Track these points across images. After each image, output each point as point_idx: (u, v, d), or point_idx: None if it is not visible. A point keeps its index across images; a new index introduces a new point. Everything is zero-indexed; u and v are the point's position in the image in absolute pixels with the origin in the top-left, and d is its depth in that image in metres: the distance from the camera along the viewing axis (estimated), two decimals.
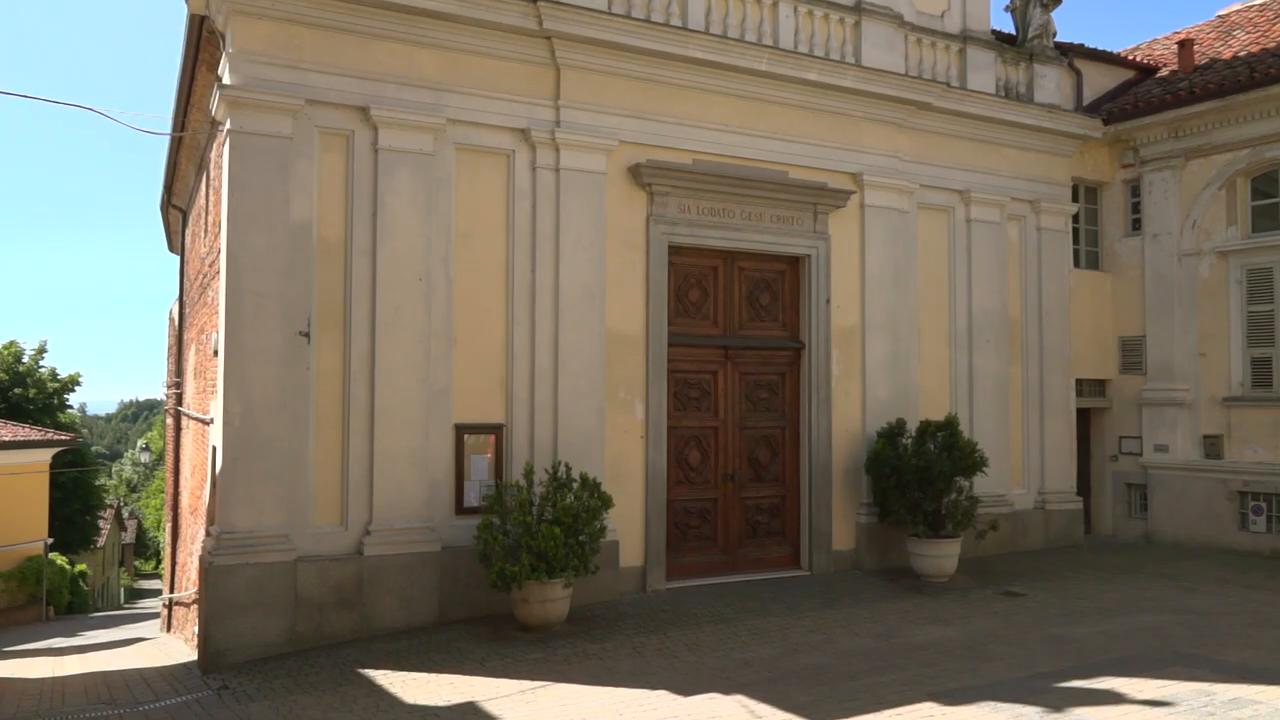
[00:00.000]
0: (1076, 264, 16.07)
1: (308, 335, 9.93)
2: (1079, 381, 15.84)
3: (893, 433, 12.62)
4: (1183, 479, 15.19)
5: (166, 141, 15.56)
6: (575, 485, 10.07)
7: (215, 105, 10.07)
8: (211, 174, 13.27)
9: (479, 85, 10.80)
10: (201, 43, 11.15)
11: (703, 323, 12.48)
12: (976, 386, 14.30)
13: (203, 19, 10.46)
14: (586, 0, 11.17)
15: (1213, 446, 14.93)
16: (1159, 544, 15.25)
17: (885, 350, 13.40)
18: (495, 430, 10.90)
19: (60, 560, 27.79)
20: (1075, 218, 16.02)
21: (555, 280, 11.12)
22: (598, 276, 11.35)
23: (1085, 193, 16.41)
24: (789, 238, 12.75)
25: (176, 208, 19.89)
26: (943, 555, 12.22)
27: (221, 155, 10.39)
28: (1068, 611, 10.59)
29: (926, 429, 12.50)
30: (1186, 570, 13.14)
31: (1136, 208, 16.12)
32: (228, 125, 9.78)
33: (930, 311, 14.04)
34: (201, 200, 15.57)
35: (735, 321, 12.70)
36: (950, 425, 12.52)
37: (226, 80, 9.74)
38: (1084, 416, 16.22)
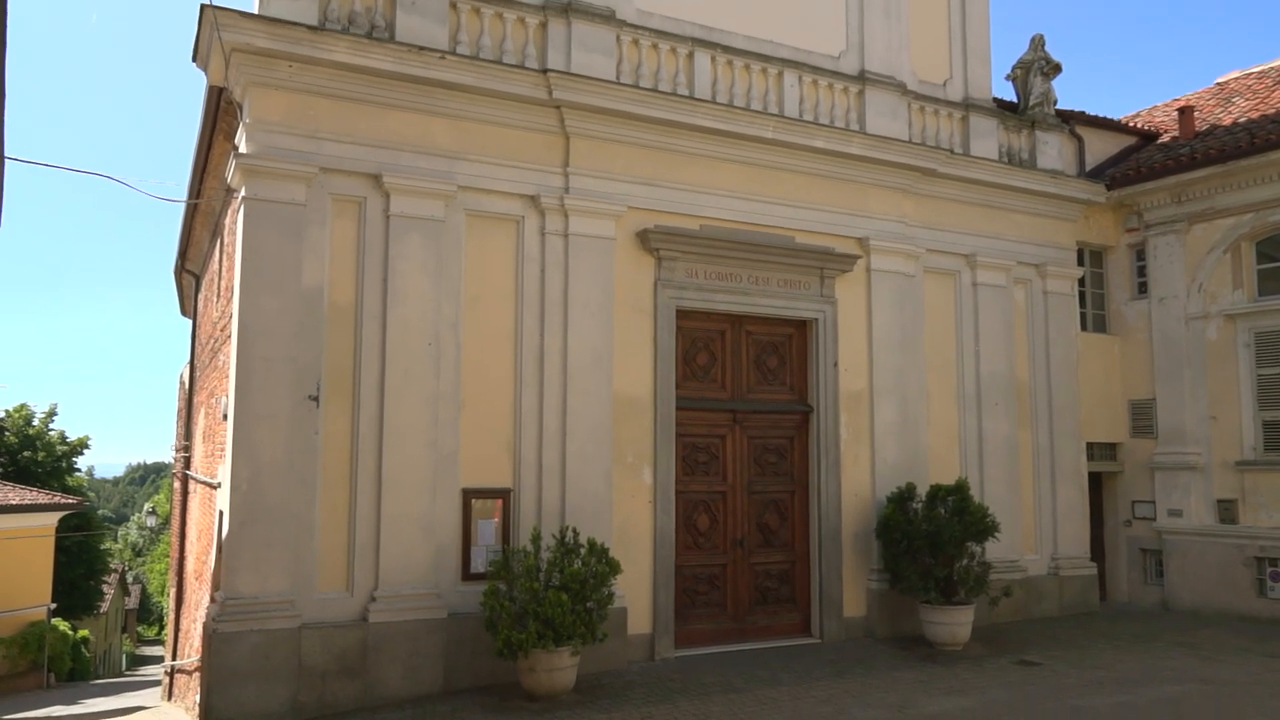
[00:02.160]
0: (1084, 327, 16.09)
1: (317, 399, 9.96)
2: (1090, 445, 15.74)
3: (903, 497, 12.52)
4: (1198, 544, 14.99)
5: (182, 208, 15.81)
6: (583, 551, 9.98)
7: (231, 173, 10.25)
8: (225, 240, 13.45)
9: (490, 153, 10.98)
10: (219, 113, 11.40)
11: (711, 386, 12.48)
12: (986, 450, 14.21)
13: (221, 90, 10.70)
14: (596, 70, 11.42)
15: (1227, 511, 14.76)
16: (1176, 611, 14.98)
17: (894, 414, 13.36)
18: (502, 494, 10.84)
19: (63, 626, 27.51)
20: (1081, 281, 16.09)
21: (563, 344, 11.17)
22: (606, 340, 11.40)
23: (1091, 256, 16.50)
24: (796, 302, 12.82)
25: (190, 273, 20.12)
26: (956, 623, 12.02)
27: (236, 221, 10.55)
28: (1086, 681, 10.37)
29: (937, 493, 12.40)
30: (1205, 639, 12.89)
31: (1142, 271, 16.19)
32: (243, 192, 9.95)
33: (938, 375, 14.04)
34: (215, 265, 15.76)
35: (743, 385, 12.71)
36: (961, 489, 12.42)
37: (243, 149, 9.93)
38: (1095, 480, 16.08)
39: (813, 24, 13.44)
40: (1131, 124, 17.60)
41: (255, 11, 9.89)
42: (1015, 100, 15.88)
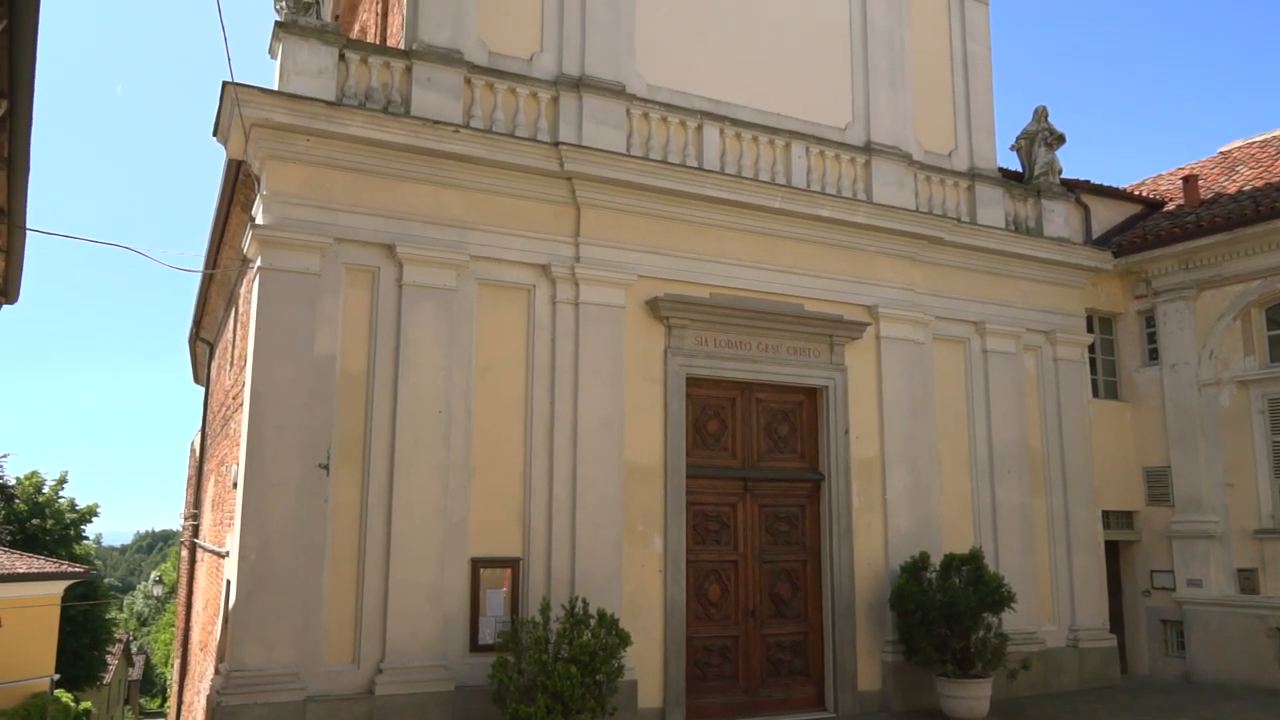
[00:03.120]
0: (1095, 394, 16.03)
1: (327, 468, 9.96)
2: (1105, 513, 15.55)
3: (916, 566, 12.35)
4: (1219, 615, 14.69)
5: (198, 278, 16.04)
6: (592, 622, 9.84)
7: (247, 243, 10.41)
8: (240, 309, 13.61)
9: (502, 223, 11.15)
10: (237, 185, 11.64)
11: (721, 454, 12.44)
12: (1000, 518, 14.06)
13: (240, 164, 10.95)
14: (606, 143, 11.63)
15: (1248, 581, 14.50)
16: (1199, 684, 14.62)
17: (906, 481, 13.26)
18: (511, 564, 10.75)
19: (65, 698, 27.10)
20: (1092, 348, 16.08)
21: (574, 412, 11.18)
22: (616, 408, 11.41)
23: (1100, 323, 16.51)
24: (806, 369, 12.83)
25: (204, 341, 20.31)
26: (974, 696, 11.76)
27: (251, 290, 10.69)
28: None
29: (951, 562, 12.24)
30: (1230, 713, 12.56)
31: (1152, 338, 16.18)
32: (258, 262, 10.10)
33: (950, 442, 13.96)
34: (229, 334, 15.92)
35: (754, 453, 12.66)
36: (975, 559, 12.25)
37: (259, 220, 10.11)
38: (1112, 549, 15.84)
39: (819, 97, 13.70)
40: (1136, 192, 17.76)
41: (275, 88, 10.15)
42: (1020, 170, 16.07)
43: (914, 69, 14.63)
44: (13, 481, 36.08)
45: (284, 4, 10.49)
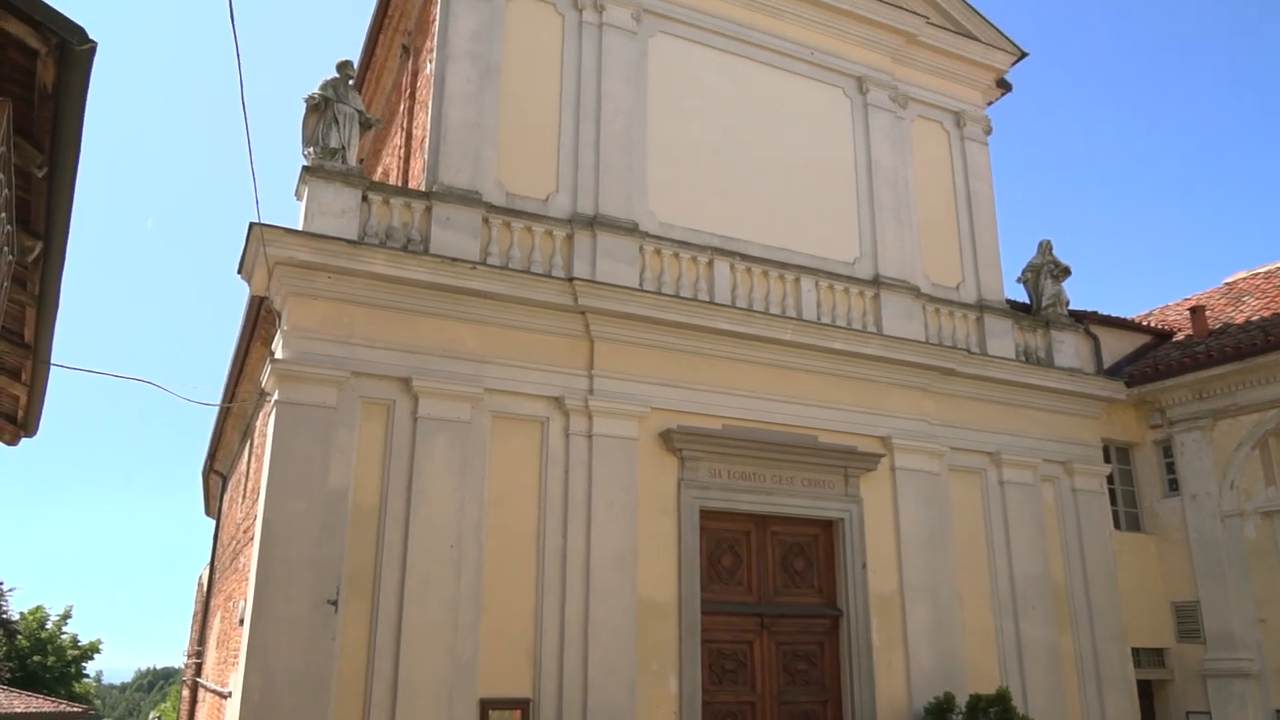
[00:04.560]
0: (1117, 526, 15.75)
1: (335, 604, 9.80)
2: (1135, 651, 15.02)
3: (941, 708, 11.89)
4: None
5: (215, 411, 16.19)
6: None
7: (266, 378, 10.56)
8: (255, 441, 13.68)
9: (517, 357, 11.29)
10: (259, 321, 11.89)
11: (737, 589, 12.19)
12: (1026, 656, 13.60)
13: (262, 300, 11.21)
14: (620, 278, 11.90)
15: None
16: None
17: (927, 617, 12.91)
18: (521, 704, 10.41)
19: None
20: (1110, 479, 15.89)
21: (586, 546, 11.04)
22: (629, 542, 11.27)
23: (1117, 453, 16.37)
24: (821, 501, 12.71)
25: (218, 473, 20.34)
26: None
27: (267, 424, 10.77)
28: None
29: (977, 704, 11.79)
30: None
31: (1171, 468, 16.01)
32: (276, 396, 10.21)
33: (970, 576, 13.65)
34: (243, 466, 15.95)
35: (770, 588, 12.40)
36: (1003, 700, 11.80)
37: (279, 355, 10.29)
38: (1145, 689, 15.22)
39: (827, 232, 14.06)
40: (1145, 323, 17.92)
41: (300, 228, 10.51)
42: (1028, 301, 16.27)
43: (918, 206, 15.05)
44: (16, 617, 35.57)
45: (312, 150, 10.97)
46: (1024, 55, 16.42)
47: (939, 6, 15.94)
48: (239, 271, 10.86)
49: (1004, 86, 16.64)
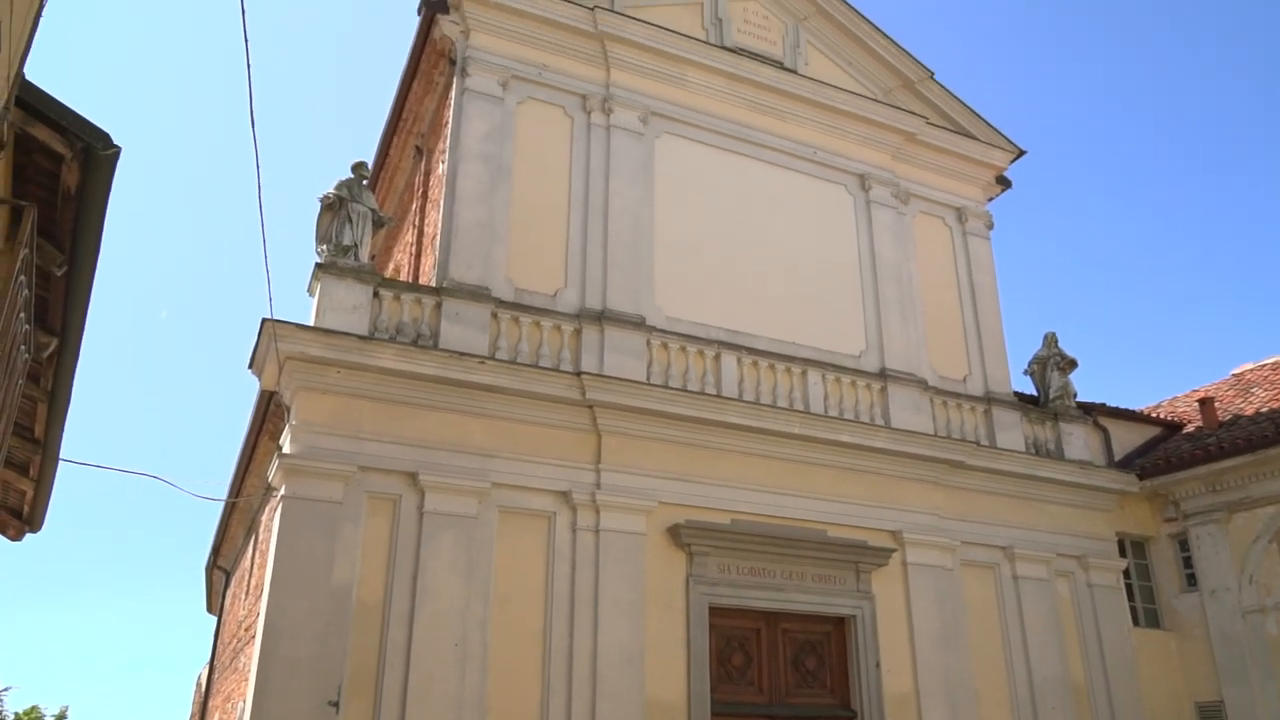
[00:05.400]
0: (1135, 622, 15.39)
1: (336, 705, 9.57)
2: None
3: None
4: None
5: (220, 506, 16.12)
6: None
7: (273, 472, 10.54)
8: (261, 537, 13.58)
9: (524, 451, 11.27)
10: (267, 415, 11.94)
11: (747, 689, 11.88)
12: None
13: (271, 394, 11.28)
14: (627, 371, 11.96)
15: None
16: None
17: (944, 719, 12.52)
18: None
19: None
20: (1127, 574, 15.60)
21: (593, 645, 10.82)
22: (636, 640, 11.04)
23: (1133, 547, 16.11)
24: (833, 597, 12.48)
25: (221, 569, 20.13)
26: None
27: (273, 519, 10.71)
28: None
29: None
30: None
31: (1188, 562, 15.73)
32: (282, 491, 10.18)
33: (987, 676, 13.28)
34: (247, 562, 15.79)
35: (781, 688, 12.09)
36: None
37: (287, 449, 10.29)
38: None
39: (832, 325, 14.16)
40: (1154, 414, 17.86)
41: (311, 323, 10.64)
42: (1036, 393, 16.24)
43: (923, 299, 15.19)
44: (11, 718, 34.77)
45: (326, 247, 11.19)
46: (1022, 153, 16.79)
47: (937, 107, 16.38)
48: (250, 366, 10.95)
49: (1004, 183, 16.97)
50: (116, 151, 6.41)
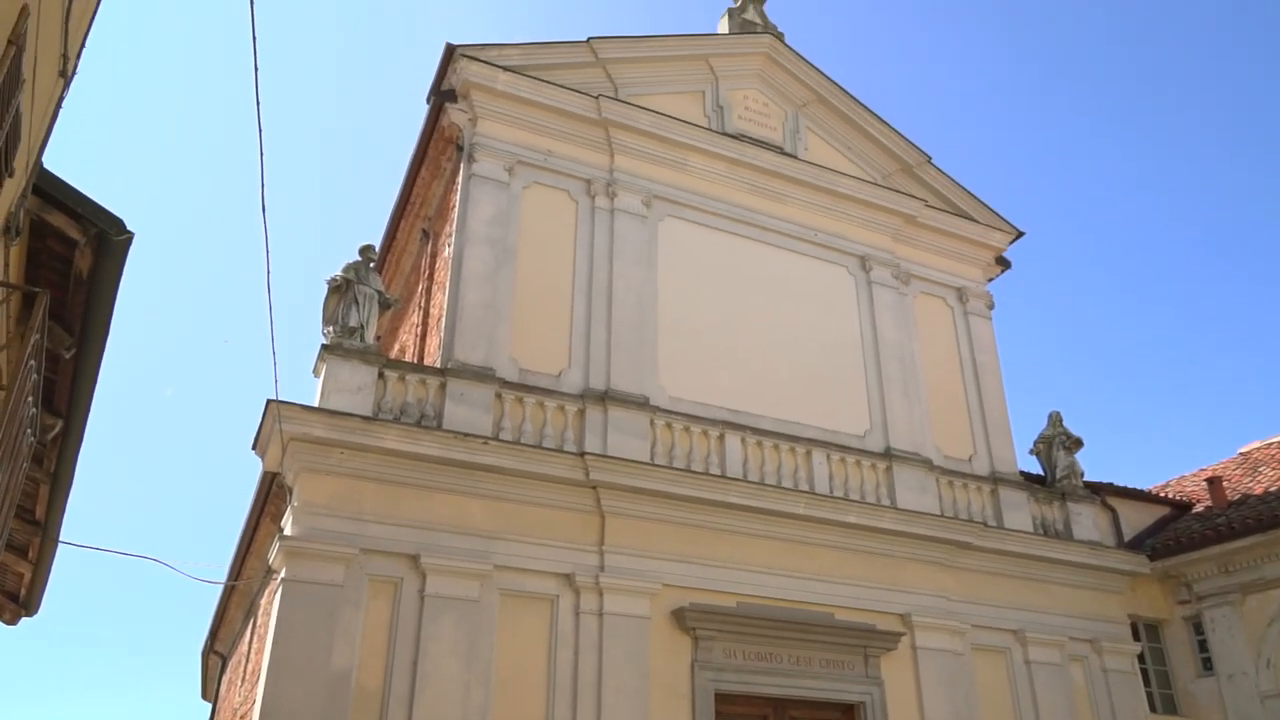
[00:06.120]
0: (1152, 708, 15.00)
1: None
2: None
3: None
4: None
5: (219, 589, 15.91)
6: None
7: (274, 554, 10.45)
8: (259, 620, 13.38)
9: (527, 532, 11.18)
10: (269, 496, 11.88)
11: None
12: None
13: (274, 475, 11.24)
14: (631, 452, 11.92)
15: None
16: None
17: None
18: None
19: None
20: (1141, 658, 15.27)
21: None
22: None
23: (1146, 630, 15.80)
24: (841, 683, 12.20)
25: (218, 654, 19.78)
26: None
27: (272, 603, 10.57)
28: None
29: None
30: None
31: (1203, 645, 15.41)
32: (283, 573, 10.07)
33: None
34: (244, 647, 15.53)
35: None
36: None
37: (288, 531, 10.22)
38: None
39: (836, 405, 14.16)
40: (1162, 494, 17.71)
41: (316, 404, 10.66)
42: (1042, 473, 16.14)
43: (926, 378, 15.22)
44: None
45: (332, 329, 11.29)
46: (1021, 234, 17.01)
47: (936, 190, 16.66)
48: (253, 447, 10.95)
49: (1003, 264, 17.15)
50: (129, 237, 6.54)
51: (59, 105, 6.40)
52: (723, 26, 16.82)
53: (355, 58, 56.16)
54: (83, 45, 6.72)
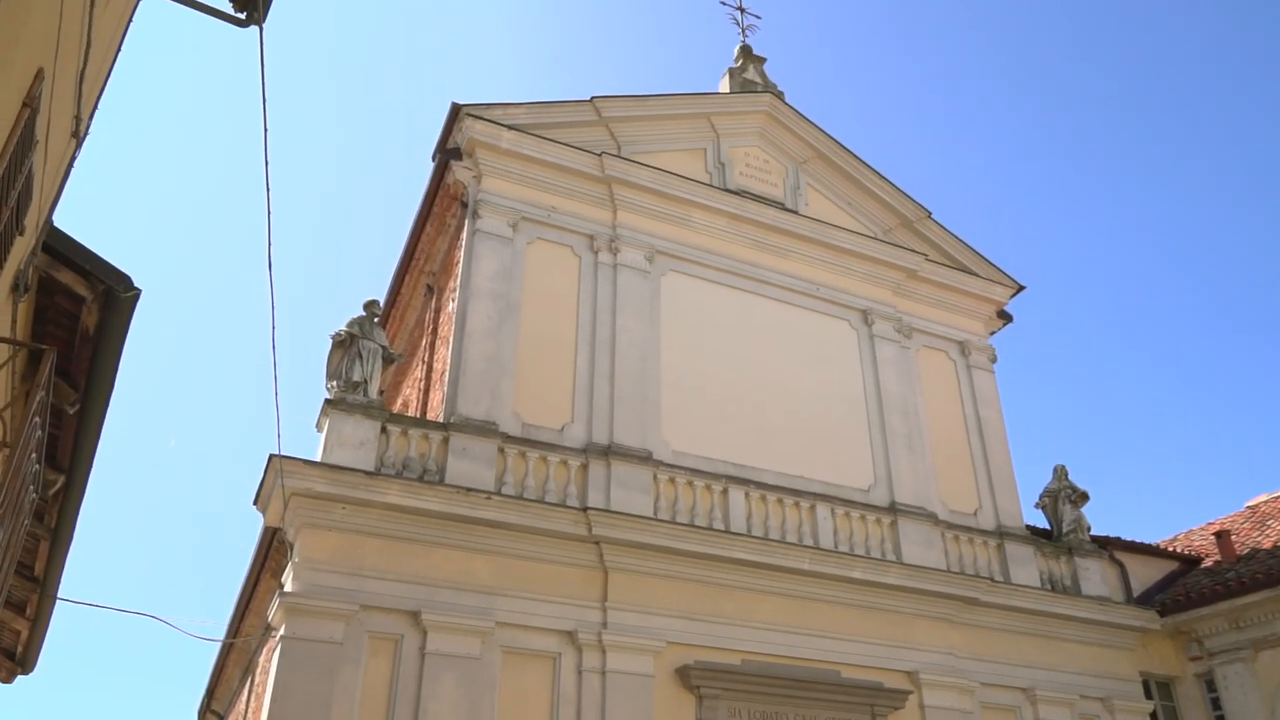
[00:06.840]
0: None
1: None
2: None
3: None
4: None
5: (216, 646, 15.72)
6: None
7: (274, 611, 10.34)
8: (257, 679, 13.21)
9: (529, 589, 11.07)
10: (270, 552, 11.80)
11: None
12: None
13: (275, 531, 11.18)
14: (634, 507, 11.85)
15: None
16: None
17: None
18: None
19: None
20: (1153, 716, 14.97)
21: None
22: None
23: (1159, 688, 15.51)
24: None
25: (215, 713, 19.46)
26: None
27: (270, 660, 10.44)
28: None
29: None
30: None
31: (1216, 703, 15.12)
32: (282, 631, 9.96)
33: None
34: (241, 706, 15.30)
35: None
36: None
37: (288, 587, 10.12)
38: None
39: (840, 460, 14.10)
40: (1171, 548, 17.53)
41: (318, 458, 10.64)
42: (1048, 527, 15.99)
43: (930, 432, 15.17)
44: None
45: (335, 383, 11.31)
46: (1022, 288, 17.09)
47: (936, 244, 16.78)
48: (255, 502, 10.90)
49: (1005, 317, 17.20)
50: (136, 294, 6.59)
51: (71, 164, 6.50)
52: (724, 85, 17.12)
53: (361, 116, 57.08)
54: (95, 106, 6.85)
